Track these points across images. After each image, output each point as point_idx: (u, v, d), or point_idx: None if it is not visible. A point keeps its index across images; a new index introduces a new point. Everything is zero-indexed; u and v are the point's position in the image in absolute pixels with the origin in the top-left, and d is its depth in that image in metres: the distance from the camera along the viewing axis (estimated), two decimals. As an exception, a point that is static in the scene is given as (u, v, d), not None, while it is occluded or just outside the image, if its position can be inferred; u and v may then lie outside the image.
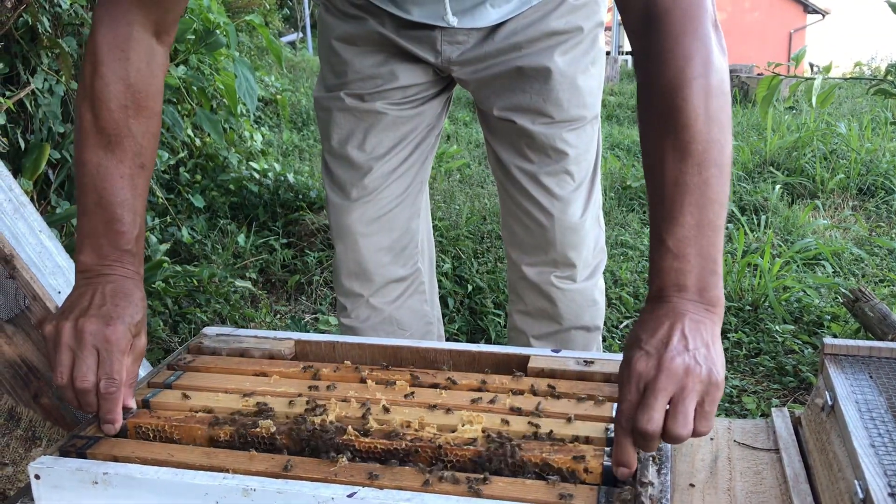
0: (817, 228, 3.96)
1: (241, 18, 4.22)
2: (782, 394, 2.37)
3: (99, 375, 1.01)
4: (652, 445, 0.88)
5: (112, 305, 1.05)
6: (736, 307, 2.91)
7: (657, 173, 0.96)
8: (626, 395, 0.88)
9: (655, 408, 0.85)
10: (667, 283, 0.93)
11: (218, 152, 3.94)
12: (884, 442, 0.93)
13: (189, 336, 2.65)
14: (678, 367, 0.86)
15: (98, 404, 1.02)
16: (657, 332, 0.89)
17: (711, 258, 0.93)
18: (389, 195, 1.62)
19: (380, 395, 1.11)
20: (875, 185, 4.70)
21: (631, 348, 0.90)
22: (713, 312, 0.93)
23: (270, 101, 6.11)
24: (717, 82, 0.96)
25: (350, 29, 1.51)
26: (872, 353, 1.15)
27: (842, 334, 2.67)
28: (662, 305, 0.92)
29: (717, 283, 0.93)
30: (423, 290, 1.75)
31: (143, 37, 1.12)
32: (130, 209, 1.11)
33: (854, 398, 1.04)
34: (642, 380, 0.87)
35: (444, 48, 1.49)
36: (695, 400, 0.86)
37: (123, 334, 1.03)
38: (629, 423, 0.87)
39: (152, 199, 3.36)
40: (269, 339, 1.30)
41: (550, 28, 1.47)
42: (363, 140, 1.58)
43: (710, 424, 0.88)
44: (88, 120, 1.10)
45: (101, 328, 1.02)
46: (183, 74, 3.29)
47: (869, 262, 3.48)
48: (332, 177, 1.63)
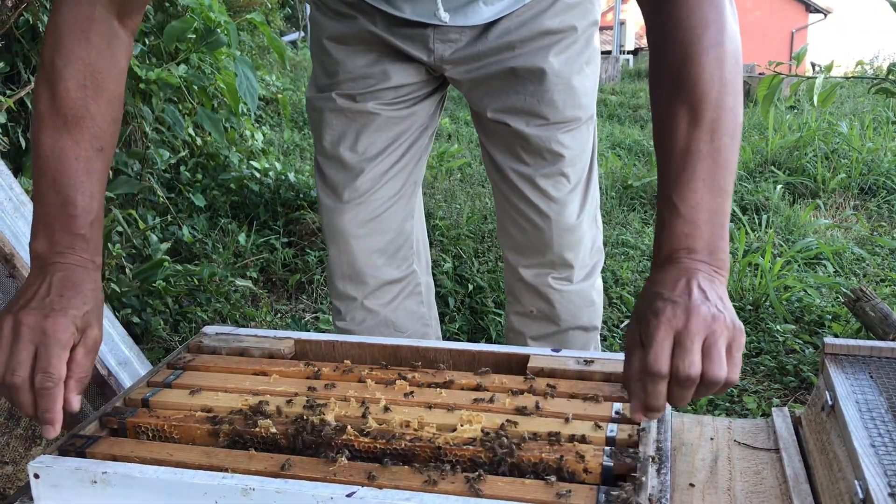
0: (818, 228, 3.95)
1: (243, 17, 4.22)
2: (783, 393, 2.36)
3: (37, 370, 0.95)
4: (687, 394, 0.88)
5: (56, 296, 0.99)
6: (737, 306, 2.91)
7: (669, 139, 0.97)
8: (657, 341, 0.88)
9: (694, 350, 0.86)
10: (678, 245, 0.95)
11: (219, 151, 3.94)
12: (884, 442, 0.93)
13: (189, 335, 2.65)
14: (706, 313, 0.88)
15: (35, 402, 0.95)
16: (677, 285, 0.91)
17: (720, 223, 0.95)
18: (382, 196, 1.60)
19: (379, 394, 1.11)
20: (877, 185, 4.69)
21: (653, 301, 0.91)
22: (721, 274, 0.94)
23: (271, 101, 6.11)
24: (732, 50, 0.97)
25: (341, 28, 1.50)
26: (873, 353, 1.15)
27: (843, 334, 2.67)
28: (674, 266, 0.94)
29: (725, 247, 0.95)
30: (419, 291, 1.74)
31: (105, 18, 1.08)
32: (86, 193, 1.05)
33: (854, 398, 1.04)
34: (672, 326, 0.88)
35: (436, 46, 1.47)
36: (725, 344, 0.87)
37: (65, 327, 0.97)
38: (665, 366, 0.87)
39: (153, 199, 3.36)
40: (269, 338, 1.30)
41: (544, 27, 1.46)
42: (355, 141, 1.56)
43: (738, 371, 0.89)
44: (46, 100, 1.06)
45: (39, 321, 0.96)
46: (184, 73, 3.29)
47: (870, 261, 3.48)
48: (324, 178, 1.62)
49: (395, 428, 1.02)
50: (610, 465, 0.92)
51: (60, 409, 0.96)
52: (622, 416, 1.04)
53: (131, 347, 1.93)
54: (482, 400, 1.09)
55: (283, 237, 3.54)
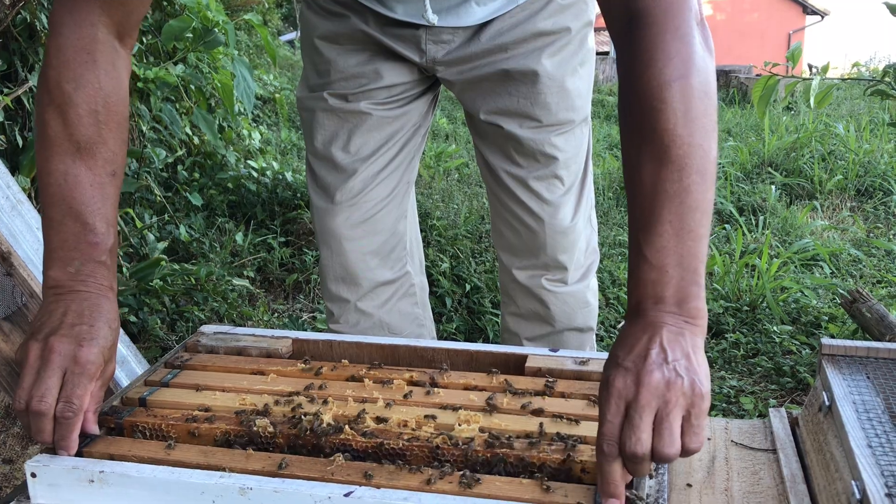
0: (815, 229, 3.96)
1: (240, 17, 4.21)
2: (780, 394, 2.37)
3: (60, 398, 0.95)
4: (642, 469, 0.83)
5: (88, 326, 0.98)
6: (734, 308, 2.91)
7: (635, 180, 0.91)
8: (607, 417, 0.83)
9: (641, 427, 0.81)
10: (644, 295, 0.89)
11: (216, 150, 3.94)
12: (881, 442, 0.93)
13: (186, 334, 2.65)
14: (658, 381, 0.82)
15: (53, 429, 0.95)
16: (634, 348, 0.85)
17: (692, 269, 0.88)
18: (375, 197, 1.59)
19: (377, 394, 1.11)
20: (873, 187, 4.70)
21: (609, 367, 0.86)
22: (694, 325, 0.88)
23: (269, 100, 6.10)
24: (700, 83, 0.91)
25: (333, 27, 1.49)
26: (870, 354, 1.15)
27: (839, 335, 2.67)
28: (639, 320, 0.88)
29: (697, 294, 0.88)
30: (412, 292, 1.73)
31: (107, 39, 1.07)
32: (103, 219, 1.04)
33: (851, 398, 1.04)
34: (622, 398, 0.82)
35: (428, 47, 1.46)
36: (680, 414, 0.82)
37: (96, 357, 0.97)
38: (614, 446, 0.83)
39: (150, 198, 3.36)
40: (267, 337, 1.30)
41: (538, 28, 1.45)
42: (347, 141, 1.55)
43: (700, 440, 0.83)
44: (57, 126, 1.04)
45: (72, 349, 0.96)
46: (181, 72, 3.28)
47: (867, 263, 3.48)
48: (316, 179, 1.60)
49: (393, 427, 1.02)
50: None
51: (77, 438, 0.97)
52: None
53: (128, 346, 1.93)
54: (480, 400, 1.09)
55: (281, 236, 3.53)
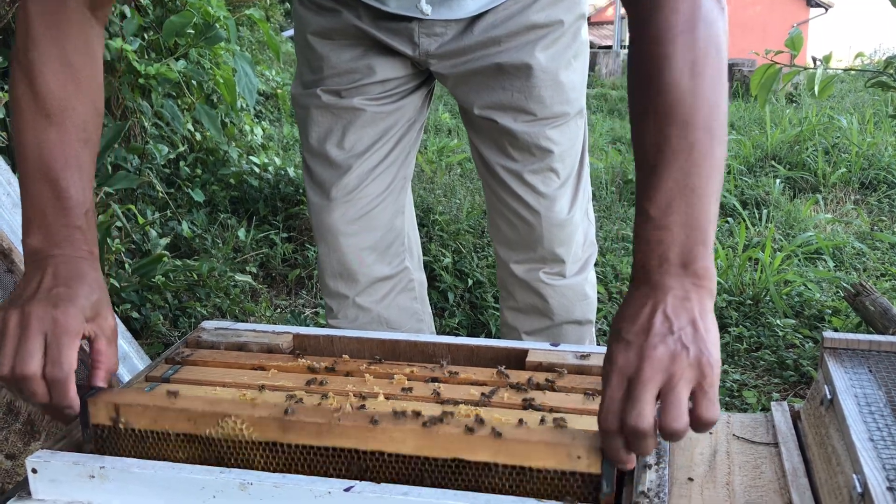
0: (819, 223, 3.95)
1: (242, 12, 4.21)
2: (783, 388, 2.36)
3: (46, 361, 0.94)
4: (646, 446, 0.80)
5: (63, 287, 0.98)
6: (737, 301, 2.91)
7: (640, 138, 0.89)
8: (608, 392, 0.81)
9: (644, 401, 0.78)
10: (648, 256, 0.85)
11: (218, 146, 3.94)
12: (883, 436, 0.93)
13: (189, 330, 2.65)
14: (662, 355, 0.79)
15: (48, 393, 0.95)
16: (637, 319, 0.82)
17: (699, 227, 0.85)
18: (371, 193, 1.59)
19: (378, 388, 1.11)
20: (877, 180, 4.69)
21: (610, 341, 0.83)
22: (701, 286, 0.84)
23: (271, 96, 6.10)
24: (707, 35, 0.88)
25: (325, 22, 1.48)
26: (872, 347, 1.15)
27: (843, 329, 2.67)
28: (643, 285, 0.85)
29: (704, 254, 0.85)
30: (411, 287, 1.73)
31: (77, 7, 1.05)
32: (78, 185, 1.04)
33: (853, 392, 1.03)
34: (624, 374, 0.80)
35: (421, 40, 1.46)
36: (687, 387, 0.79)
37: (74, 316, 0.96)
38: (615, 421, 0.80)
39: (152, 194, 3.36)
40: (268, 332, 1.30)
41: (531, 21, 1.44)
42: (342, 138, 1.54)
43: (716, 409, 0.80)
44: (26, 96, 1.04)
45: (48, 311, 0.95)
46: (182, 68, 3.28)
47: (870, 256, 3.47)
48: (311, 176, 1.60)
49: (393, 422, 1.02)
50: (608, 459, 0.92)
51: (76, 397, 0.96)
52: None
53: (130, 342, 1.93)
54: (481, 394, 1.09)
55: (283, 232, 3.53)
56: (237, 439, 0.95)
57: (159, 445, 0.98)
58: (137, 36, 3.16)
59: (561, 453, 0.86)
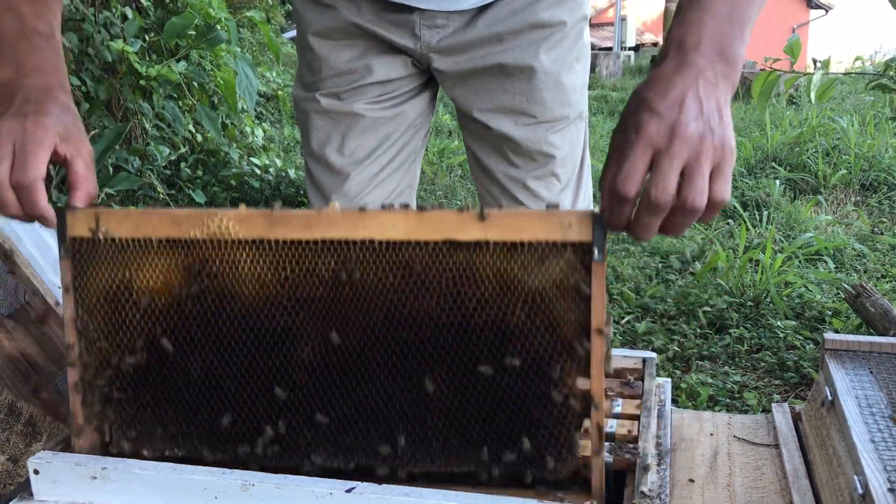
0: (819, 224, 3.95)
1: (243, 14, 4.22)
2: (783, 389, 2.36)
3: (13, 168, 0.94)
4: (655, 222, 0.83)
5: (34, 105, 0.98)
6: (738, 303, 2.91)
7: None
8: (632, 160, 0.81)
9: (670, 175, 0.80)
10: (688, 34, 0.86)
11: (219, 148, 3.94)
12: (883, 437, 0.93)
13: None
14: (693, 133, 0.80)
15: (18, 202, 0.95)
16: (669, 93, 0.82)
17: (739, 23, 0.87)
18: (372, 201, 1.56)
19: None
20: (878, 181, 4.69)
21: (638, 110, 0.83)
22: (728, 77, 0.86)
23: (272, 97, 6.11)
24: None
25: (324, 21, 1.46)
26: (873, 349, 1.15)
27: (843, 330, 2.67)
28: (675, 63, 0.85)
29: (739, 50, 0.87)
30: None
31: None
32: (42, 16, 1.05)
33: (854, 393, 1.04)
34: (651, 145, 0.81)
35: (423, 32, 1.43)
36: (709, 167, 0.81)
37: (44, 126, 0.96)
38: (633, 188, 0.81)
39: (153, 195, 3.37)
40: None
41: (534, 19, 1.42)
42: (342, 143, 1.52)
43: (728, 189, 0.82)
44: None
45: (18, 123, 0.96)
46: (184, 70, 3.29)
47: (871, 257, 3.48)
48: (313, 181, 1.59)
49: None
50: (609, 459, 0.92)
51: (47, 206, 0.96)
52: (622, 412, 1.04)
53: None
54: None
55: (284, 234, 3.54)
56: (223, 238, 0.93)
57: (140, 257, 0.96)
58: (138, 37, 3.17)
59: (553, 222, 0.85)
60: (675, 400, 2.30)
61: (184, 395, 0.97)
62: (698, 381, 2.37)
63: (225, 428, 0.96)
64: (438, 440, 0.91)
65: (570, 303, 0.85)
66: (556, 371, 0.86)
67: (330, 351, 0.92)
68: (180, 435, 0.98)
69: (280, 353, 0.94)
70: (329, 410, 0.93)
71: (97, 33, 3.04)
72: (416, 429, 0.91)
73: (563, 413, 0.87)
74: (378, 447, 0.92)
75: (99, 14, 3.16)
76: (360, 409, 0.92)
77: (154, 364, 0.97)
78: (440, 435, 0.90)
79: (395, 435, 0.92)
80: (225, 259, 0.94)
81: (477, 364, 0.88)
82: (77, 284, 0.98)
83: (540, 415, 0.87)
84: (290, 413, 0.94)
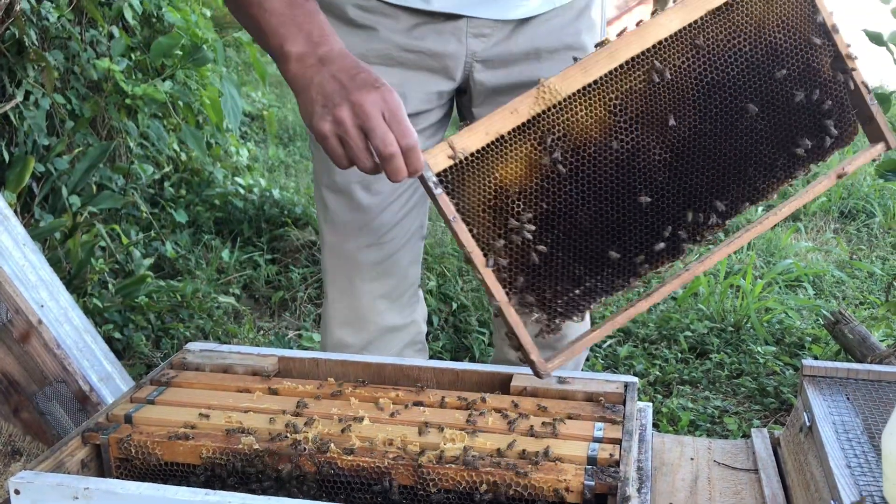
0: (799, 251, 3.99)
1: (230, 34, 4.23)
2: (763, 415, 2.38)
3: (396, 137, 1.04)
4: None
5: (364, 72, 1.07)
6: (718, 328, 2.93)
7: None
8: None
9: None
10: None
11: (203, 167, 3.94)
12: (860, 463, 0.94)
13: (172, 351, 2.64)
14: None
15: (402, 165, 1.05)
16: None
17: None
18: (393, 238, 1.52)
19: (363, 412, 1.12)
20: (856, 209, 4.75)
21: None
22: None
23: (257, 117, 6.11)
24: None
25: (360, 43, 1.41)
26: (850, 375, 1.16)
27: (822, 356, 2.69)
28: None
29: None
30: (419, 339, 1.64)
31: None
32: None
33: (831, 419, 1.05)
34: None
35: (469, 41, 1.42)
36: None
37: (392, 90, 1.06)
38: None
39: (136, 214, 3.36)
40: (253, 355, 1.30)
41: (568, 41, 1.46)
42: (372, 180, 1.45)
43: None
44: None
45: (374, 94, 1.04)
46: (169, 89, 3.29)
47: (849, 284, 3.51)
48: (330, 215, 1.52)
49: (377, 446, 1.03)
50: (591, 483, 0.93)
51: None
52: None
53: (113, 363, 1.92)
54: (466, 419, 1.09)
55: (267, 254, 3.53)
56: (556, 102, 1.11)
57: (500, 154, 1.12)
58: (125, 56, 3.17)
59: None
60: (657, 424, 2.31)
61: (583, 241, 1.13)
62: (679, 405, 2.38)
63: (619, 252, 1.14)
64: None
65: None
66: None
67: (673, 142, 1.13)
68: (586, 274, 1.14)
69: (638, 166, 1.13)
70: (693, 186, 1.16)
71: (83, 51, 3.05)
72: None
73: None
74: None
75: (86, 32, 3.16)
76: (716, 168, 1.15)
77: (547, 227, 1.13)
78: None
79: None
80: (565, 118, 1.11)
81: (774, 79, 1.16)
82: (462, 208, 1.10)
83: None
84: (667, 211, 1.15)
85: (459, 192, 1.10)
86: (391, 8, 1.39)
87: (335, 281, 1.54)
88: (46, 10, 2.82)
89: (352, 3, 1.40)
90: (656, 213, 1.15)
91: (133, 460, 1.05)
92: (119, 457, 1.06)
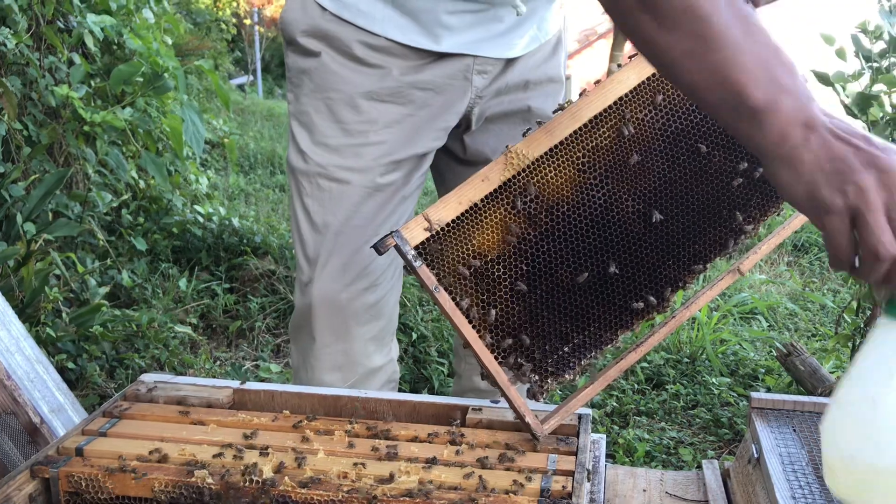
0: (754, 283, 4.07)
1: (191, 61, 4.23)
2: (717, 445, 2.41)
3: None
4: None
5: (867, 142, 0.86)
6: (674, 359, 2.97)
7: None
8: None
9: None
10: None
11: (162, 195, 3.91)
12: (804, 493, 0.97)
13: (126, 382, 2.60)
14: None
15: None
16: None
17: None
18: (386, 278, 1.50)
19: (318, 445, 1.12)
20: (809, 242, 4.85)
21: None
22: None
23: (217, 144, 6.09)
24: None
25: (368, 80, 1.40)
26: (797, 408, 1.19)
27: (775, 388, 2.74)
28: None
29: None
30: (394, 378, 1.60)
31: None
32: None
33: (778, 451, 1.07)
34: None
35: (474, 78, 1.46)
36: None
37: None
38: None
39: (93, 242, 3.31)
40: (208, 387, 1.30)
41: (550, 74, 1.57)
42: (380, 225, 1.43)
43: None
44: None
45: (875, 177, 0.84)
46: (129, 117, 3.27)
47: (802, 316, 3.59)
48: (322, 257, 1.45)
49: (332, 479, 1.03)
50: (544, 516, 0.94)
51: None
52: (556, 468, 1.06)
53: (66, 394, 1.89)
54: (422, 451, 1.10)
55: (225, 283, 3.51)
56: (524, 166, 1.13)
57: (474, 222, 1.13)
58: (84, 83, 3.15)
59: None
60: (613, 455, 2.33)
61: (570, 297, 1.15)
62: (635, 436, 2.40)
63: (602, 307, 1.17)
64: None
65: None
66: None
67: (645, 192, 1.16)
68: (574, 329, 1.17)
69: (610, 218, 1.16)
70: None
71: (41, 77, 3.02)
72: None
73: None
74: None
75: (45, 59, 3.14)
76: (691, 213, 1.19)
77: (532, 287, 1.14)
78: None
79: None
80: (535, 181, 1.13)
81: None
82: (441, 277, 1.11)
83: None
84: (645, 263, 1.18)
85: (439, 262, 1.10)
86: (400, 48, 1.40)
87: (328, 327, 1.47)
88: (4, 36, 2.79)
89: (357, 41, 1.39)
90: (636, 266, 1.17)
91: (83, 494, 1.03)
92: (69, 490, 1.04)
